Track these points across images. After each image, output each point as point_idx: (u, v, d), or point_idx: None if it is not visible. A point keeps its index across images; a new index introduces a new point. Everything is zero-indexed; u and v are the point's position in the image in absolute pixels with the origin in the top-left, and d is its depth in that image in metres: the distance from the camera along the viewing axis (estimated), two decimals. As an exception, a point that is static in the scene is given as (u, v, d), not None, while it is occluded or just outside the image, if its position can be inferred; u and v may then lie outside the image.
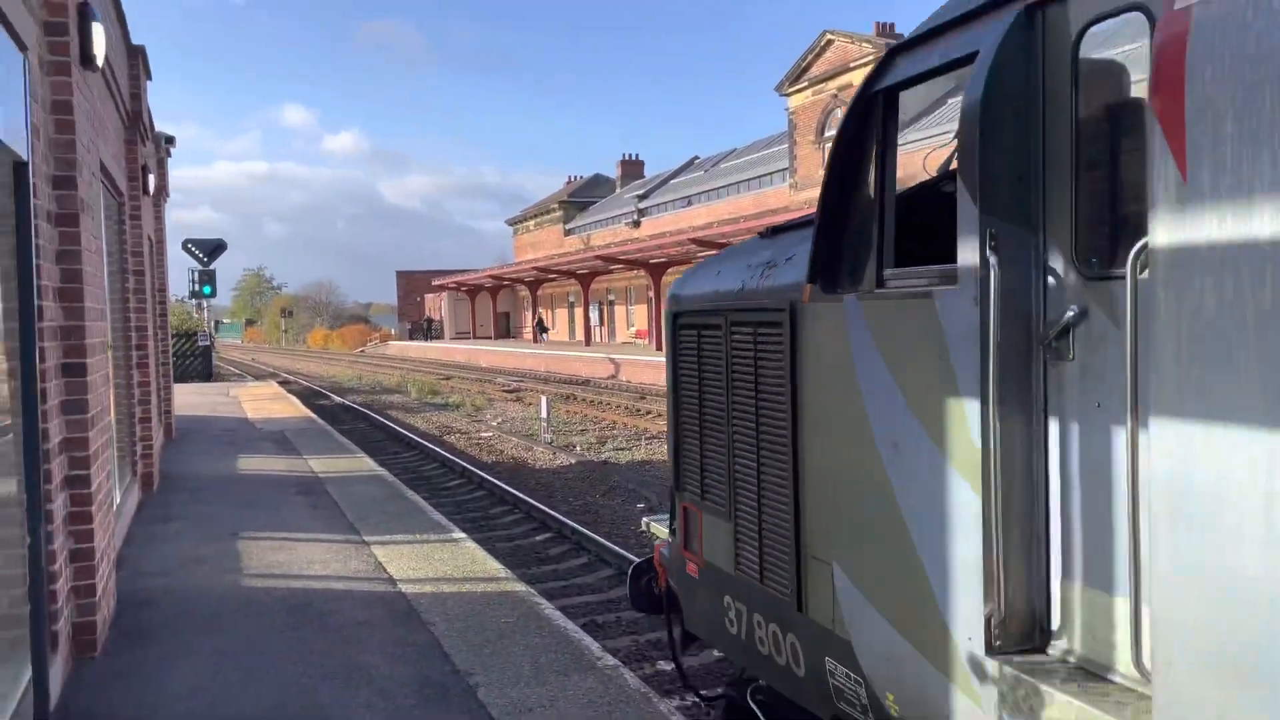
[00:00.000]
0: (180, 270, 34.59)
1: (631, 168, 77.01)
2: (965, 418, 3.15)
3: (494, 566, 8.40)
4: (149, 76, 12.92)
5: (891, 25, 43.34)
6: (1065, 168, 2.97)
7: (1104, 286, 2.83)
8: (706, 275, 5.19)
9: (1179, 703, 2.41)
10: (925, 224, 3.73)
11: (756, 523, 4.48)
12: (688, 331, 5.15)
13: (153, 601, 7.35)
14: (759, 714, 4.86)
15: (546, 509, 12.68)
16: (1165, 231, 2.43)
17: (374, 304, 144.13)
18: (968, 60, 3.21)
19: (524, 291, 68.07)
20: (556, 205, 79.99)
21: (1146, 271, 2.52)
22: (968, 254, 3.11)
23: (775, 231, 4.85)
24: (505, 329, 78.04)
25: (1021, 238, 3.07)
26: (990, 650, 3.08)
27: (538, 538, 11.79)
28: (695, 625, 5.36)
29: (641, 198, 67.09)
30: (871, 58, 39.11)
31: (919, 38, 3.59)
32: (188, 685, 5.70)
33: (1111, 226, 2.92)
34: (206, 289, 31.81)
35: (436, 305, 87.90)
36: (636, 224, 64.98)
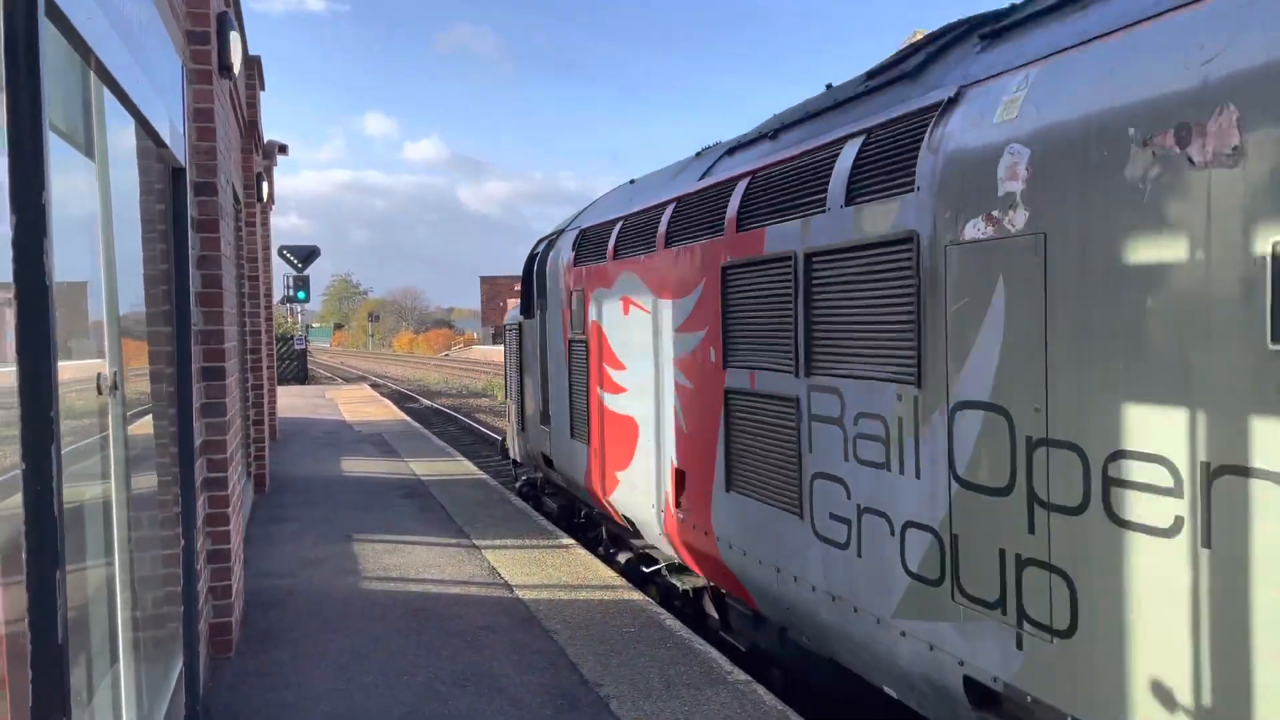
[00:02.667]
0: (274, 276, 35.35)
1: (713, 172, 76.62)
2: (537, 361, 11.23)
3: (607, 574, 8.35)
4: (262, 86, 13.23)
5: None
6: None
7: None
8: (512, 310, 12.88)
9: (555, 432, 10.57)
10: None
11: (517, 402, 12.57)
12: (507, 333, 12.92)
13: (279, 602, 7.46)
14: (532, 482, 12.66)
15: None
16: (539, 312, 11.16)
17: (456, 308, 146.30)
18: (536, 255, 11.37)
19: (605, 297, 68.23)
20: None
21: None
22: (533, 309, 11.30)
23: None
24: (586, 334, 78.28)
25: (551, 304, 10.48)
26: (539, 424, 11.28)
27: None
28: (517, 455, 12.92)
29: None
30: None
31: (540, 240, 11.60)
32: (324, 687, 5.74)
33: None
34: (301, 294, 32.38)
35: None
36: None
